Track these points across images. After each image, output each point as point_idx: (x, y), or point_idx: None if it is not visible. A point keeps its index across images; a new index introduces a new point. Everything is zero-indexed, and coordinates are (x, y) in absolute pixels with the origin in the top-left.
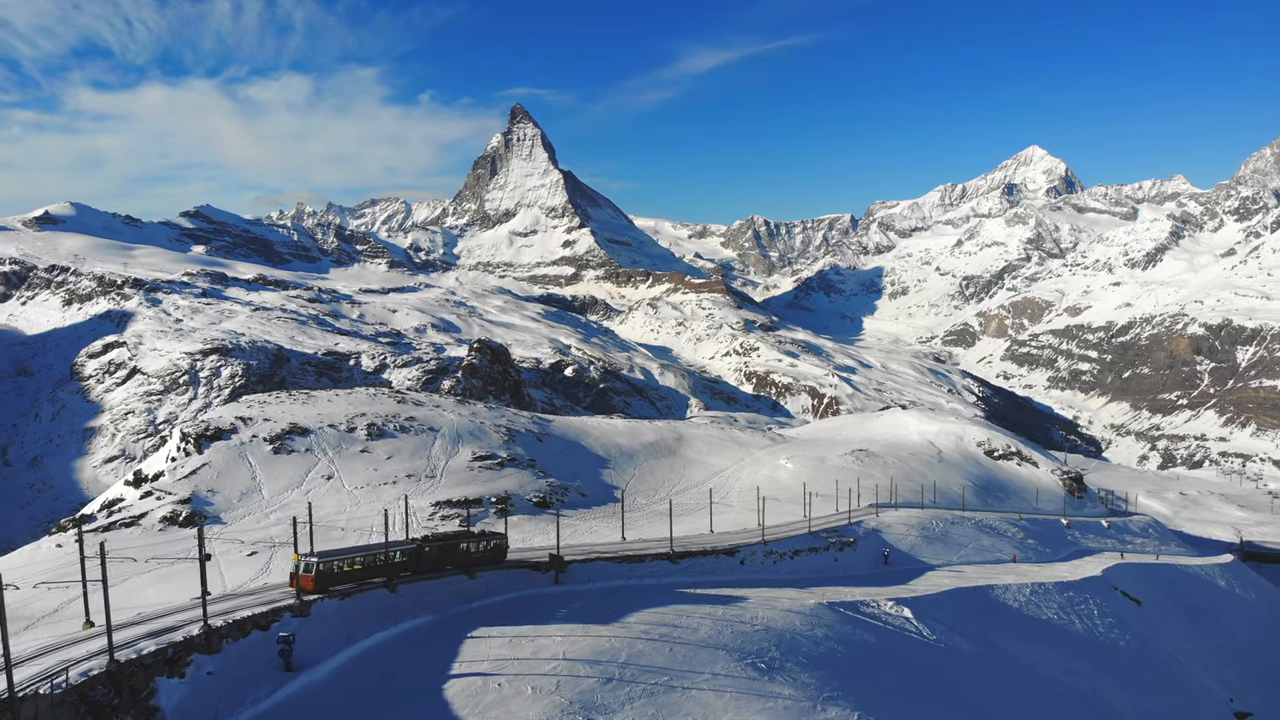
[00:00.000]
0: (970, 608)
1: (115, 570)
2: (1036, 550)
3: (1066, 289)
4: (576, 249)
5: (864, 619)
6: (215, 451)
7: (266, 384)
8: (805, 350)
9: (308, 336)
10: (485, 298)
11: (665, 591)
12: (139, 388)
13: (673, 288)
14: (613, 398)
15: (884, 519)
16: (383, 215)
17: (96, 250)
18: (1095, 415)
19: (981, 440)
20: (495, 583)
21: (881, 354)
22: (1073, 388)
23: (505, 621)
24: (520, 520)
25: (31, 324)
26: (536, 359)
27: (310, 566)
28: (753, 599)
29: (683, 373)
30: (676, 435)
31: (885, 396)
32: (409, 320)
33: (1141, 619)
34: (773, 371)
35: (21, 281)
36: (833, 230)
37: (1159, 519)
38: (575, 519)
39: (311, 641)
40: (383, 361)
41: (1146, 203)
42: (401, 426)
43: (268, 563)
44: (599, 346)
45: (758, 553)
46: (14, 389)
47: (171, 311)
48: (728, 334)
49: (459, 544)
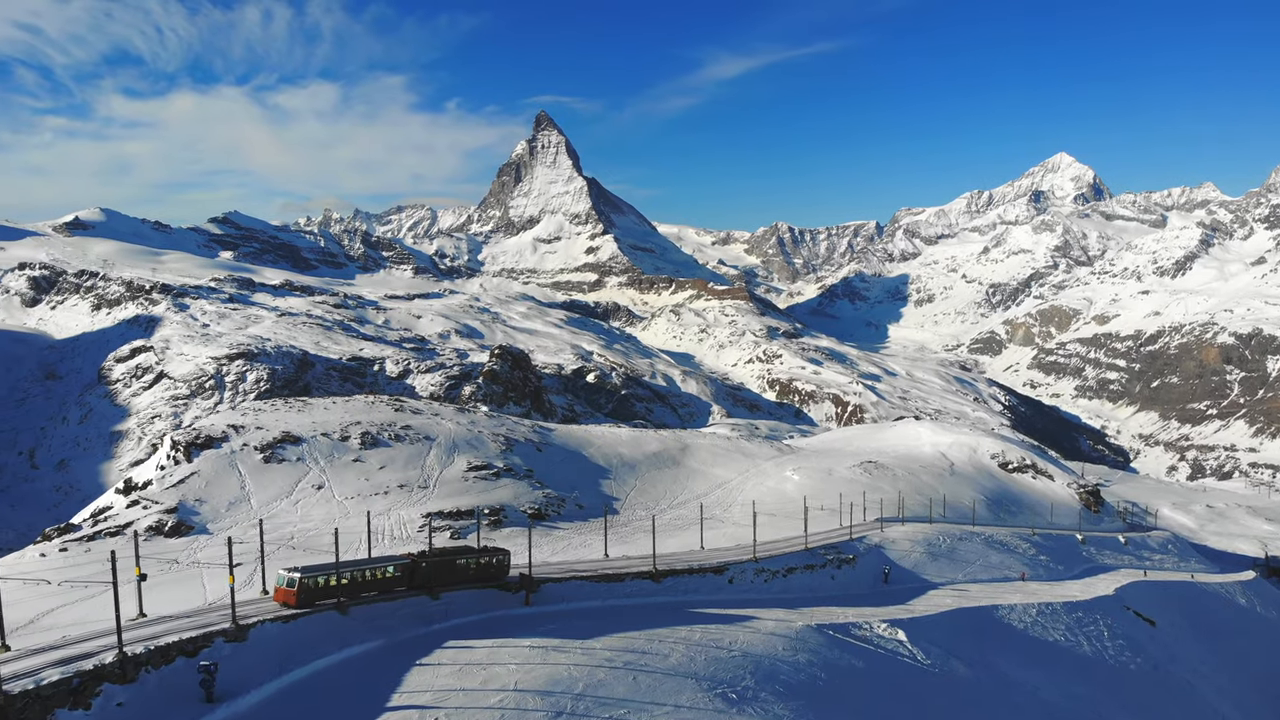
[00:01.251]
0: (971, 629)
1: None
2: (1049, 567)
3: (1094, 297)
4: (600, 255)
5: (854, 642)
6: (205, 460)
7: (291, 389)
8: (829, 358)
9: (333, 342)
10: (509, 304)
11: (643, 613)
12: (165, 392)
13: (695, 294)
14: (634, 404)
15: (888, 534)
16: (409, 222)
17: (125, 255)
18: (1123, 425)
19: (995, 452)
20: (459, 604)
21: (906, 362)
22: (1100, 397)
23: (463, 646)
24: (514, 533)
25: (60, 328)
26: (559, 365)
27: (292, 581)
28: (736, 621)
29: (705, 379)
30: (681, 445)
31: (910, 405)
32: (433, 326)
33: (1155, 640)
34: (796, 379)
35: (51, 286)
36: (858, 237)
37: (1184, 532)
38: (570, 532)
39: (243, 669)
40: (406, 367)
41: (1176, 210)
42: (396, 435)
43: (252, 575)
44: (621, 353)
45: (748, 571)
46: (42, 392)
47: (198, 316)
48: (750, 341)
49: (457, 559)
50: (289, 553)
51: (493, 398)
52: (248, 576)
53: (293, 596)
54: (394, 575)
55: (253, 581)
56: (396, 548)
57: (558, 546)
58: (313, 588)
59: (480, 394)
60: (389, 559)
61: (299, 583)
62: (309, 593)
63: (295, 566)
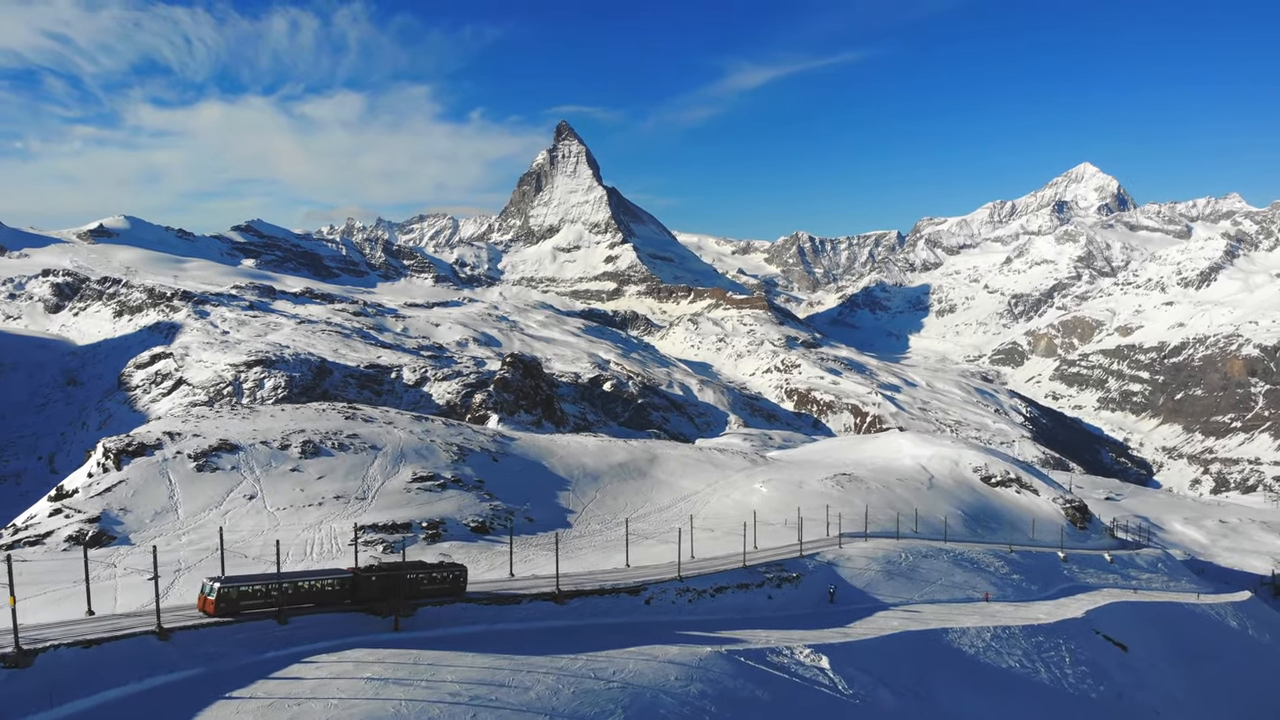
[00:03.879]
0: (912, 655)
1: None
2: (1021, 587)
3: (1118, 308)
4: (619, 264)
5: (767, 670)
6: (135, 468)
7: (309, 396)
8: (848, 368)
9: (351, 349)
10: (527, 312)
11: (532, 638)
12: (184, 398)
13: (714, 303)
14: (651, 413)
15: (847, 550)
16: (431, 231)
17: (148, 263)
18: (1146, 437)
19: (978, 465)
20: (309, 629)
21: (927, 372)
22: (1123, 409)
23: (290, 678)
24: (453, 547)
25: (83, 334)
26: (576, 373)
27: (211, 590)
28: (639, 645)
29: (722, 389)
30: (650, 456)
31: (930, 416)
32: (451, 334)
33: (1125, 666)
34: (814, 389)
35: (74, 293)
36: (879, 246)
37: (1195, 547)
38: (515, 546)
39: (18, 698)
40: (423, 374)
41: (1201, 221)
42: (341, 444)
43: (169, 587)
44: (638, 362)
45: (670, 591)
46: (63, 398)
47: (218, 324)
48: (769, 350)
49: (406, 574)
50: (212, 564)
51: (503, 406)
52: (164, 589)
53: (210, 605)
54: (333, 589)
55: (167, 595)
56: (325, 561)
57: (495, 562)
58: (233, 597)
59: (491, 402)
60: (328, 572)
61: (217, 592)
62: (228, 602)
63: (222, 577)
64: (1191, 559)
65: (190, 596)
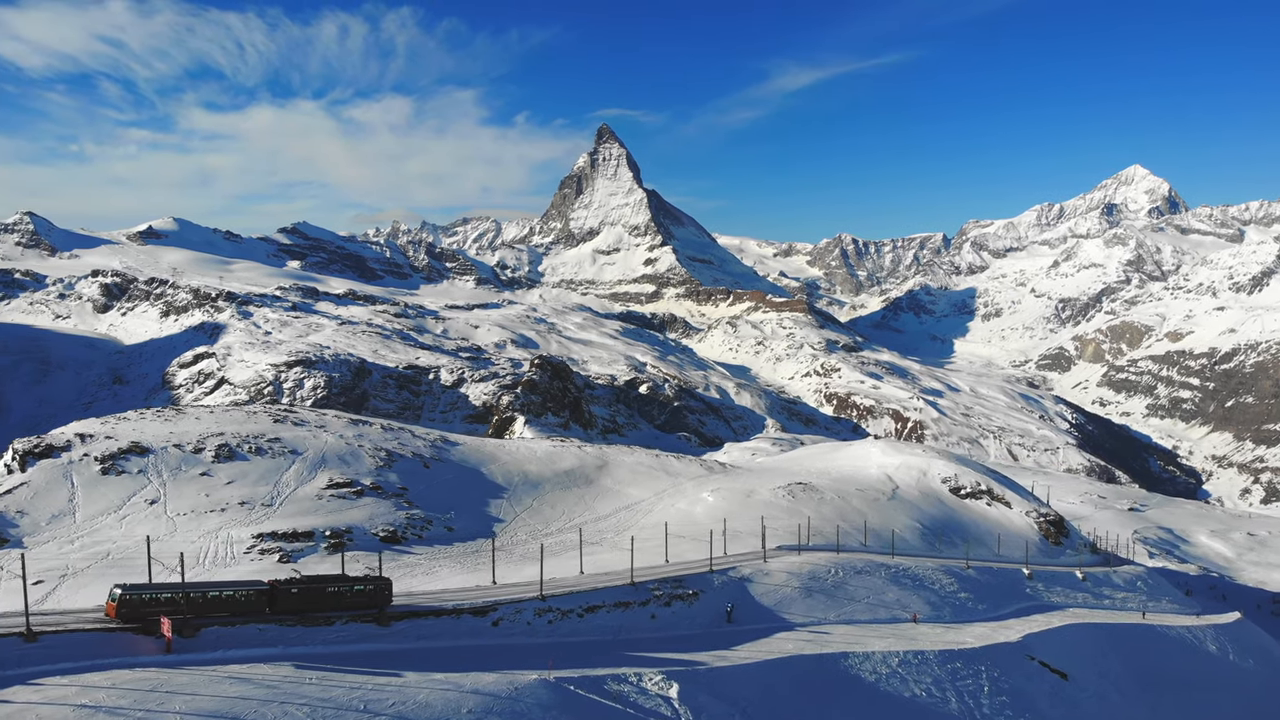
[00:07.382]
0: (796, 682)
1: None
2: (963, 607)
3: (1167, 313)
4: (658, 267)
5: (600, 700)
6: (39, 470)
7: (348, 396)
8: (889, 372)
9: (391, 350)
10: (565, 314)
11: (330, 664)
12: (226, 397)
13: (753, 306)
14: (687, 416)
15: (771, 564)
16: (474, 234)
17: (195, 264)
18: (1196, 445)
19: (948, 476)
20: (57, 649)
21: (971, 377)
22: (1172, 416)
23: None
24: (356, 557)
25: (130, 334)
26: (612, 376)
27: (114, 595)
28: (440, 674)
29: (760, 392)
30: (600, 463)
31: (973, 422)
32: (490, 336)
33: (1058, 697)
34: (854, 393)
35: (122, 293)
36: (924, 249)
37: (1220, 561)
38: (424, 558)
39: None
40: (461, 376)
41: (1254, 224)
42: (259, 449)
43: (50, 593)
44: (675, 364)
45: (527, 611)
46: (110, 396)
47: (261, 324)
48: (808, 354)
49: (327, 587)
50: (102, 570)
51: (530, 408)
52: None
53: (113, 610)
54: (248, 599)
55: (47, 600)
56: (218, 570)
57: (398, 575)
58: (136, 603)
59: (518, 404)
60: (245, 583)
61: (119, 598)
62: (131, 609)
63: (127, 583)
64: (1206, 574)
65: (77, 602)
